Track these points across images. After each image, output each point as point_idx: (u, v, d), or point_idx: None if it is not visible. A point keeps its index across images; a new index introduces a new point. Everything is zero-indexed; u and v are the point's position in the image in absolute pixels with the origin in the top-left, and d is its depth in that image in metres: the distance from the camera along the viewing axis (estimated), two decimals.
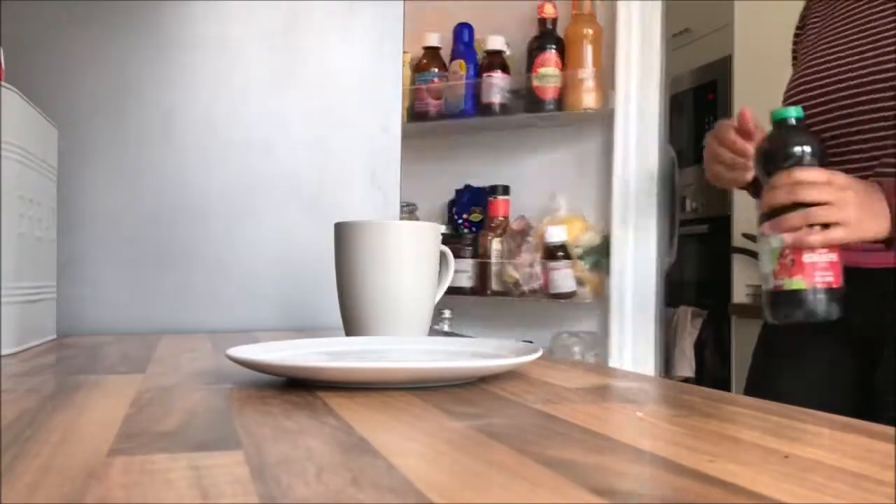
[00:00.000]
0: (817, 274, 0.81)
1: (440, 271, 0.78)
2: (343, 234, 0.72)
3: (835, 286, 0.82)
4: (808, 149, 0.84)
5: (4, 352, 0.65)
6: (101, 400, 0.43)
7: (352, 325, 0.72)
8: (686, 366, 2.87)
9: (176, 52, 0.98)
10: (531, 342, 0.73)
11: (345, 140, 1.04)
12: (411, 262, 0.71)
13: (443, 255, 0.79)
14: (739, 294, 2.60)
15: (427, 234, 0.73)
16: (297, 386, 0.48)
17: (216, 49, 0.99)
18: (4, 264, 0.65)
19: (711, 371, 2.71)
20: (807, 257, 0.82)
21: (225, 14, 1.00)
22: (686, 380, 2.74)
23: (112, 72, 0.96)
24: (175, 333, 0.92)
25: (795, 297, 0.83)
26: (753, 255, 2.58)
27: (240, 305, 0.98)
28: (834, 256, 0.82)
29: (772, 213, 0.84)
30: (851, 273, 0.89)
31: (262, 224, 1.00)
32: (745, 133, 0.93)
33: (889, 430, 0.35)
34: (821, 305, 0.82)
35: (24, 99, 0.71)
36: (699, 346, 2.86)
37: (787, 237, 0.81)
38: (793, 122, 0.85)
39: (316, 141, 1.03)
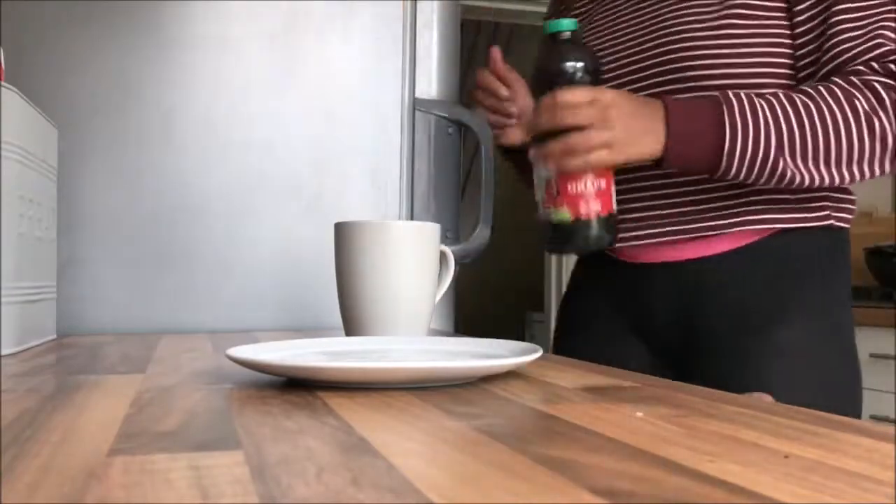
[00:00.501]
0: (583, 204, 0.76)
1: (440, 271, 0.78)
2: (343, 234, 0.72)
3: (603, 214, 0.76)
4: (579, 65, 0.76)
5: (4, 352, 0.65)
6: (101, 400, 0.43)
7: (352, 325, 0.72)
8: None
9: (176, 52, 0.98)
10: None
11: (345, 140, 1.04)
12: (411, 262, 0.71)
13: (443, 255, 0.79)
14: None
15: (427, 234, 0.73)
16: (297, 386, 0.48)
17: (216, 49, 0.99)
18: (4, 264, 0.65)
19: None
20: (571, 187, 0.76)
21: (225, 14, 1.00)
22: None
23: (112, 72, 0.96)
24: (175, 333, 0.92)
25: (562, 228, 0.77)
26: None
27: (240, 305, 0.98)
28: (602, 182, 0.76)
29: (539, 139, 0.76)
30: (653, 269, 0.85)
31: (262, 224, 1.00)
32: (502, 79, 0.90)
33: (889, 429, 0.35)
34: (589, 237, 0.76)
35: (24, 99, 0.71)
36: None
37: (551, 166, 0.76)
38: (566, 35, 0.77)
39: (316, 141, 1.03)
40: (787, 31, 0.80)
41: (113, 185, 0.95)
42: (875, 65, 0.75)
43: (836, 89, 0.74)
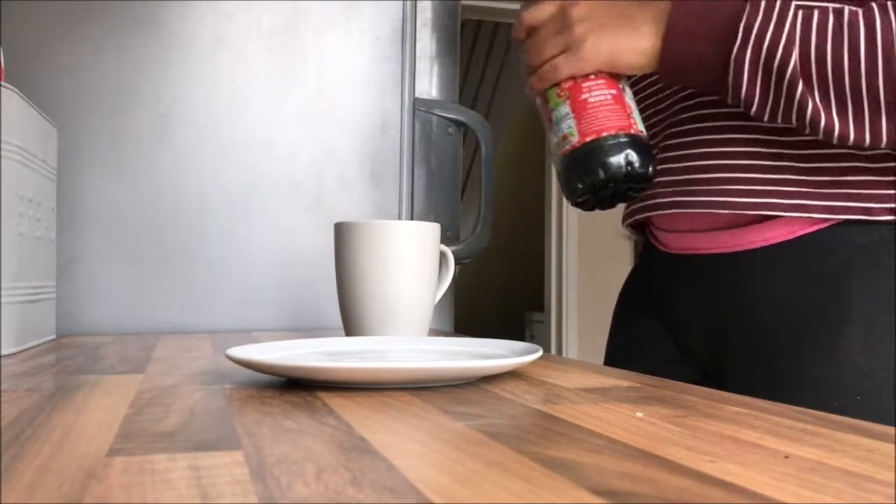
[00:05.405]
0: (586, 121, 0.64)
1: (440, 271, 0.78)
2: (343, 234, 0.72)
3: (614, 132, 0.63)
4: None
5: (4, 352, 0.65)
6: (100, 400, 0.43)
7: (352, 325, 0.72)
8: None
9: (176, 51, 0.98)
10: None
11: (345, 140, 1.04)
12: (411, 262, 0.71)
13: (443, 255, 0.79)
14: None
15: (427, 234, 0.73)
16: (297, 386, 0.48)
17: (216, 49, 0.99)
18: (4, 264, 0.65)
19: None
20: (572, 106, 0.65)
21: (225, 14, 1.00)
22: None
23: (112, 72, 0.96)
24: (175, 333, 0.92)
25: (573, 159, 0.64)
26: None
27: (240, 305, 0.98)
28: (608, 95, 0.64)
29: None
30: (690, 265, 0.76)
31: (261, 224, 1.00)
32: None
33: (889, 430, 0.35)
34: (604, 162, 0.63)
35: (24, 99, 0.71)
36: None
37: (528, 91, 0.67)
38: None
39: (316, 141, 1.03)
40: None
41: (113, 185, 0.95)
42: None
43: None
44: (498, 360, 0.48)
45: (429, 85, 1.09)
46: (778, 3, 0.62)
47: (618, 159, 0.63)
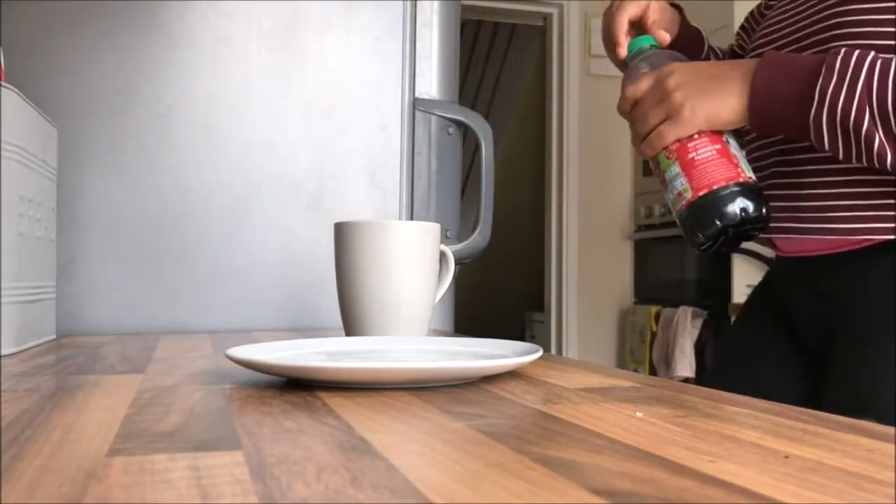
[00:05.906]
0: (697, 177, 0.70)
1: (440, 271, 0.78)
2: (343, 234, 0.72)
3: (725, 183, 0.69)
4: (645, 64, 0.77)
5: (4, 352, 0.65)
6: (100, 400, 0.43)
7: (352, 325, 0.72)
8: (686, 366, 2.87)
9: (176, 51, 0.98)
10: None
11: (345, 140, 1.04)
12: (411, 262, 0.71)
13: (443, 255, 0.79)
14: (739, 294, 2.60)
15: (427, 234, 0.73)
16: (297, 386, 0.48)
17: (216, 49, 0.99)
18: (4, 264, 0.65)
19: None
20: (664, 167, 0.72)
21: (225, 14, 1.00)
22: (686, 380, 2.75)
23: (112, 72, 0.96)
24: (175, 333, 0.92)
25: (691, 212, 0.71)
26: (754, 254, 2.58)
27: (240, 305, 0.98)
28: (714, 150, 0.70)
29: None
30: (790, 265, 0.81)
31: (262, 224, 1.00)
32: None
33: (889, 430, 0.35)
34: (722, 212, 0.69)
35: (24, 99, 0.71)
36: (699, 346, 2.86)
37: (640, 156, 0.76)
38: (642, 51, 0.79)
39: (316, 141, 1.03)
40: None
41: (113, 184, 0.95)
42: None
43: None
44: (498, 360, 0.48)
45: (429, 85, 1.09)
46: (854, 60, 0.66)
47: (732, 208, 0.69)
